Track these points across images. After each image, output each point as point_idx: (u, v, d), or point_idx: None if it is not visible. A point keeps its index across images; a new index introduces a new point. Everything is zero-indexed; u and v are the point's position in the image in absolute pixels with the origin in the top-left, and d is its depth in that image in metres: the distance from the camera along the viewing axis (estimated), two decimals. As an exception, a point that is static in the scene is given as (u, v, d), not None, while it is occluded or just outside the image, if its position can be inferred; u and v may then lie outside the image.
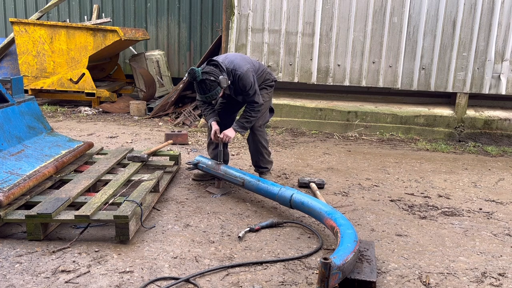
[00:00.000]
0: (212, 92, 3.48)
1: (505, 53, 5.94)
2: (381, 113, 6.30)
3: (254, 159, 4.08)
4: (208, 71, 3.46)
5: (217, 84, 3.45)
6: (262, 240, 2.97)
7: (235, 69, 3.62)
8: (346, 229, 2.60)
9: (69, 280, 2.41)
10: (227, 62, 3.65)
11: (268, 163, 4.10)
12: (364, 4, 6.08)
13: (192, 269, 2.57)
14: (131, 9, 9.40)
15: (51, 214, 2.76)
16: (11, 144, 3.53)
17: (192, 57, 9.36)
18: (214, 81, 3.43)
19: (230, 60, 3.68)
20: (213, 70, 3.48)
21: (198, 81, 3.45)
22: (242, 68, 3.62)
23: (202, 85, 3.46)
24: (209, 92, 3.47)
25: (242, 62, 3.68)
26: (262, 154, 4.00)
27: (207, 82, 3.43)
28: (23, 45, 7.42)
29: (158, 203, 3.54)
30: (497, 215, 3.57)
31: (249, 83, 3.62)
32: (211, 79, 3.43)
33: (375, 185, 4.21)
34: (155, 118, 7.14)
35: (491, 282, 2.54)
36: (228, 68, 3.62)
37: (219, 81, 3.44)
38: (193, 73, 3.41)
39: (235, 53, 3.96)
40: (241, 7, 6.32)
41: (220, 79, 3.44)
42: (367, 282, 2.31)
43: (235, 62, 3.66)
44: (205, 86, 3.45)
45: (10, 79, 4.08)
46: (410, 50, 6.12)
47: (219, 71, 3.51)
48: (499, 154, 5.59)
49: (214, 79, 3.43)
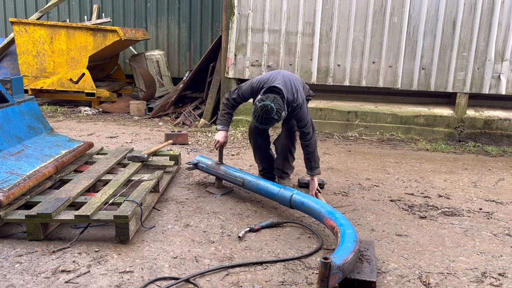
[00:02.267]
0: (268, 126, 3.42)
1: (505, 53, 5.94)
2: (381, 113, 6.30)
3: (278, 162, 3.97)
4: (277, 108, 3.29)
5: (277, 121, 3.39)
6: (262, 240, 2.97)
7: (294, 99, 3.53)
8: (346, 229, 2.60)
9: (69, 280, 2.41)
10: (287, 92, 3.49)
11: (290, 168, 4.02)
12: (364, 4, 6.08)
13: (192, 269, 2.57)
14: (131, 9, 9.40)
15: (51, 214, 2.76)
16: (11, 144, 3.53)
17: (192, 57, 9.36)
18: (276, 120, 3.34)
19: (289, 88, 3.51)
20: (280, 106, 3.33)
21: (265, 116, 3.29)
22: (299, 99, 3.54)
23: (265, 120, 3.32)
24: (267, 125, 3.39)
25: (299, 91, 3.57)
26: (288, 159, 3.93)
27: (271, 118, 3.31)
28: (23, 45, 7.42)
29: (158, 203, 3.54)
30: (497, 215, 3.57)
31: (302, 115, 3.56)
32: (275, 118, 3.31)
33: (375, 185, 4.21)
34: (155, 118, 7.14)
35: (491, 282, 2.54)
36: (289, 99, 3.50)
37: (280, 119, 3.38)
38: (268, 111, 3.25)
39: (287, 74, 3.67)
40: (241, 7, 6.32)
41: (281, 116, 3.37)
42: (367, 282, 2.31)
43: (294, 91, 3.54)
44: (268, 120, 3.32)
45: (10, 79, 4.08)
46: (410, 50, 6.12)
47: (284, 106, 3.39)
48: (499, 154, 5.59)
49: (277, 118, 3.33)
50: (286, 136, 3.87)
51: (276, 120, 3.35)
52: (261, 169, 4.08)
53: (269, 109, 3.26)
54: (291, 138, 3.88)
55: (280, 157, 3.96)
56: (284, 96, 3.43)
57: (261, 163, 4.07)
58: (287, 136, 3.87)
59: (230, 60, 6.47)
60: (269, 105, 3.26)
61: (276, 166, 4.00)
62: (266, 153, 4.03)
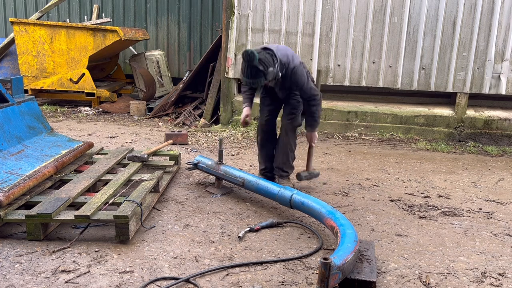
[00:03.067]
0: (256, 80, 3.35)
1: (505, 53, 5.94)
2: (381, 113, 6.30)
3: (278, 160, 3.91)
4: (261, 59, 3.30)
5: (263, 74, 3.32)
6: (262, 240, 2.97)
7: (289, 62, 3.49)
8: (346, 229, 2.60)
9: (69, 280, 2.41)
10: (281, 54, 3.49)
11: (290, 167, 3.95)
12: (364, 4, 6.08)
13: (192, 269, 2.57)
14: (131, 9, 9.40)
15: (51, 214, 2.76)
16: (11, 144, 3.53)
17: (192, 57, 9.36)
18: (261, 71, 3.30)
19: (283, 52, 3.52)
20: (267, 59, 3.33)
21: (248, 64, 3.29)
22: (294, 63, 3.51)
23: (250, 70, 3.31)
24: (253, 79, 3.34)
25: (294, 56, 3.58)
26: (288, 157, 3.87)
27: (255, 69, 3.29)
28: (23, 45, 7.43)
29: (158, 203, 3.54)
30: (497, 215, 3.57)
31: (303, 77, 3.53)
32: (259, 68, 3.29)
33: (375, 185, 4.21)
34: (155, 118, 7.14)
35: (491, 282, 2.54)
36: (282, 60, 3.46)
37: (267, 72, 3.32)
38: (248, 55, 3.23)
39: (284, 46, 3.73)
40: (241, 7, 6.32)
41: (268, 71, 3.32)
42: (367, 282, 2.31)
43: (288, 55, 3.53)
44: (252, 72, 3.31)
45: (10, 79, 4.08)
46: (410, 50, 6.12)
47: (272, 62, 3.37)
48: (499, 154, 5.59)
49: (262, 69, 3.30)
50: (287, 131, 3.81)
51: (262, 73, 3.30)
52: (263, 168, 4.04)
53: (249, 54, 3.22)
54: (292, 134, 3.82)
55: (279, 155, 3.90)
56: (276, 55, 3.40)
57: (263, 162, 4.02)
58: (288, 132, 3.81)
59: (230, 60, 6.47)
60: (249, 50, 3.23)
61: (276, 165, 3.94)
62: (270, 152, 3.98)
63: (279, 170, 3.94)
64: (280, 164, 3.92)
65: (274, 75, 3.38)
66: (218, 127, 6.53)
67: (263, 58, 3.30)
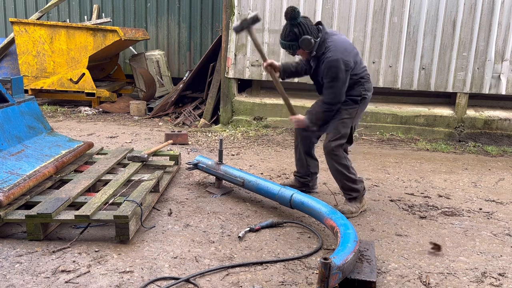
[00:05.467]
0: (288, 43, 3.14)
1: (505, 53, 5.94)
2: (381, 113, 6.30)
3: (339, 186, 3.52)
4: (302, 22, 3.08)
5: (296, 38, 3.09)
6: (262, 240, 2.97)
7: (330, 48, 3.14)
8: (346, 229, 2.60)
9: (69, 280, 2.41)
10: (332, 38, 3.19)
11: (351, 190, 3.41)
12: (364, 4, 6.08)
13: (192, 269, 2.57)
14: (131, 9, 9.40)
15: (51, 214, 2.76)
16: (11, 144, 3.53)
17: (192, 57, 9.36)
18: (295, 34, 3.08)
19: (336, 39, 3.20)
20: (308, 27, 3.09)
21: (286, 23, 3.11)
22: (336, 53, 3.11)
23: (285, 30, 3.13)
24: (286, 41, 3.14)
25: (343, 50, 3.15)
26: (341, 180, 3.42)
27: (289, 30, 3.10)
28: (23, 45, 7.42)
29: (158, 203, 3.54)
30: (497, 215, 3.57)
31: (332, 73, 3.12)
32: (294, 30, 3.07)
33: (375, 185, 4.21)
34: (155, 118, 7.14)
35: (491, 282, 2.54)
36: (327, 43, 3.16)
37: (301, 39, 3.08)
38: (290, 12, 3.02)
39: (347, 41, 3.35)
40: (241, 7, 6.32)
41: (303, 38, 3.08)
42: (367, 282, 2.31)
43: (337, 44, 3.16)
44: (287, 32, 3.12)
45: (10, 79, 4.08)
46: (410, 50, 6.12)
47: (314, 32, 3.12)
48: (499, 154, 5.59)
49: (297, 32, 3.07)
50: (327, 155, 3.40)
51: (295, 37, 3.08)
52: (295, 171, 3.89)
53: (291, 11, 3.03)
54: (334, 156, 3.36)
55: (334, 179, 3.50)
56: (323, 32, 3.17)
57: (295, 165, 3.84)
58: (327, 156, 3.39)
59: (230, 60, 6.47)
60: (294, 8, 3.03)
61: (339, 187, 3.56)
62: (301, 156, 3.73)
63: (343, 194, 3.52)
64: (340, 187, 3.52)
65: (310, 45, 3.11)
66: (218, 127, 6.53)
67: (304, 23, 3.09)
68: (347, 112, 3.34)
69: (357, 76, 3.30)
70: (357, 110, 3.38)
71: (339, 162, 3.36)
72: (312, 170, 3.82)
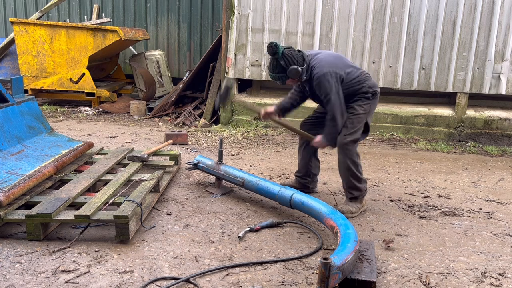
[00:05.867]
0: (276, 75, 3.25)
1: (505, 53, 5.94)
2: (381, 113, 6.30)
3: (342, 180, 3.57)
4: (286, 54, 3.19)
5: (284, 71, 3.20)
6: (262, 240, 2.98)
7: (315, 67, 3.26)
8: (346, 229, 2.60)
9: (69, 280, 2.41)
10: (315, 58, 3.32)
11: (354, 188, 3.45)
12: (364, 4, 6.08)
13: (192, 269, 2.57)
14: (131, 9, 9.40)
15: (51, 214, 2.76)
16: (11, 144, 3.53)
17: (192, 57, 9.36)
18: (282, 67, 3.19)
19: (319, 57, 3.33)
20: (292, 56, 3.20)
21: (271, 58, 3.22)
22: (321, 69, 3.23)
23: (272, 63, 3.23)
24: (274, 73, 3.25)
25: (328, 64, 3.27)
26: (347, 177, 3.44)
27: (276, 63, 3.20)
28: (23, 45, 7.42)
29: (158, 203, 3.54)
30: (497, 215, 3.57)
31: (324, 88, 3.23)
32: (280, 63, 3.18)
33: (375, 185, 4.21)
34: (155, 118, 7.14)
35: (491, 282, 2.54)
36: (311, 64, 3.28)
37: (288, 69, 3.19)
38: (272, 48, 3.14)
39: (335, 53, 3.55)
40: (241, 7, 6.32)
41: (290, 68, 3.18)
42: (367, 282, 2.31)
43: (321, 61, 3.29)
44: (274, 66, 3.23)
45: (10, 79, 4.08)
46: (410, 50, 6.12)
47: (299, 60, 3.22)
48: (499, 154, 5.59)
49: (284, 65, 3.19)
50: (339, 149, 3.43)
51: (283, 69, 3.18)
52: (296, 170, 3.92)
53: (272, 47, 3.13)
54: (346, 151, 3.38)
55: (341, 175, 3.52)
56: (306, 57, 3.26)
57: (298, 165, 3.88)
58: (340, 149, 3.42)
59: (230, 60, 6.47)
60: (274, 43, 3.13)
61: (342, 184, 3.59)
62: (306, 156, 3.76)
63: (345, 191, 3.58)
64: (343, 185, 3.55)
65: (298, 74, 3.21)
66: (218, 127, 6.53)
67: (288, 54, 3.20)
68: (362, 108, 3.42)
69: (355, 80, 3.39)
70: (370, 105, 3.47)
71: (350, 157, 3.40)
72: (313, 171, 3.84)
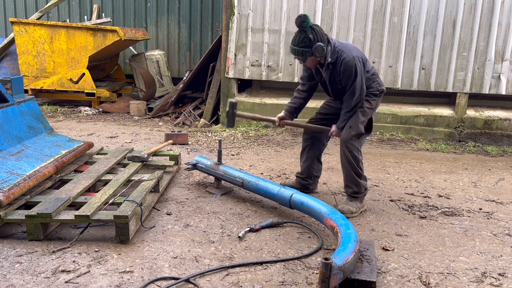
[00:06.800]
0: (301, 50, 3.14)
1: (505, 53, 5.94)
2: (381, 113, 6.30)
3: (343, 175, 3.53)
4: (315, 29, 3.10)
5: (310, 45, 3.10)
6: (262, 240, 2.97)
7: (343, 50, 3.20)
8: (346, 229, 2.60)
9: (69, 280, 2.41)
10: (338, 43, 3.28)
11: (353, 183, 3.43)
12: (364, 4, 6.08)
13: (192, 269, 2.57)
14: (131, 9, 9.40)
15: (51, 214, 2.76)
16: (11, 144, 3.53)
17: (192, 57, 9.36)
18: (309, 40, 3.09)
19: (344, 43, 3.31)
20: (320, 33, 3.12)
21: (299, 29, 3.12)
22: (351, 53, 3.20)
23: (298, 35, 3.13)
24: (299, 47, 3.13)
25: (354, 49, 3.27)
26: (348, 170, 3.43)
27: (304, 36, 3.10)
28: (23, 45, 7.42)
29: (158, 203, 3.54)
30: (497, 215, 3.57)
31: (354, 72, 3.19)
32: (309, 37, 3.08)
33: (375, 185, 4.21)
34: (155, 118, 7.14)
35: (491, 282, 2.54)
36: (336, 48, 3.22)
37: (315, 45, 3.09)
38: (301, 18, 3.06)
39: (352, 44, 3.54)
40: (241, 7, 6.32)
41: (317, 45, 3.08)
42: (367, 282, 2.31)
43: (347, 46, 3.27)
44: (300, 38, 3.12)
45: (10, 79, 4.08)
46: (410, 50, 6.12)
47: (325, 40, 3.15)
48: (499, 154, 5.59)
49: (311, 38, 3.09)
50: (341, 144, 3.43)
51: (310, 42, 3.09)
52: (298, 172, 3.91)
53: (301, 16, 3.05)
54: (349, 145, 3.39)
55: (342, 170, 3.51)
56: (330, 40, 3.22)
57: (300, 166, 3.85)
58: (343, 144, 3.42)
59: (230, 60, 6.47)
60: (306, 16, 3.05)
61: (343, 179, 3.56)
62: (309, 158, 3.76)
63: (345, 188, 3.56)
64: (344, 181, 3.54)
65: (323, 52, 3.12)
66: (218, 127, 6.53)
67: (316, 29, 3.13)
68: (369, 103, 3.43)
69: (369, 73, 3.43)
70: (377, 102, 3.50)
71: (351, 151, 3.40)
72: (315, 173, 3.85)
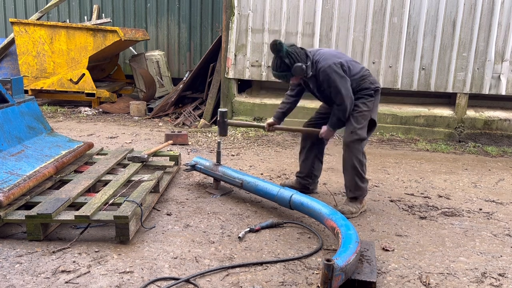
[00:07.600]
0: (281, 74, 3.24)
1: (505, 53, 5.94)
2: (381, 114, 6.29)
3: (344, 179, 3.52)
4: (290, 52, 3.18)
5: (288, 69, 3.20)
6: (262, 240, 2.97)
7: (319, 61, 3.27)
8: (347, 230, 2.60)
9: (69, 280, 2.41)
10: (317, 53, 3.34)
11: (356, 187, 3.42)
12: (364, 4, 6.08)
13: (192, 269, 2.57)
14: (131, 9, 9.40)
15: (51, 214, 2.76)
16: (11, 145, 3.53)
17: (192, 57, 9.36)
18: (286, 65, 3.18)
19: (320, 52, 3.36)
20: (296, 53, 3.20)
21: (275, 56, 3.21)
22: (326, 62, 3.25)
23: (276, 61, 3.23)
24: (278, 72, 3.24)
25: (331, 57, 3.31)
26: (351, 174, 3.41)
27: (280, 62, 3.20)
28: (23, 45, 7.43)
29: (158, 203, 3.54)
30: (497, 215, 3.57)
31: (332, 79, 3.24)
32: (284, 61, 3.18)
33: (375, 185, 4.21)
34: (155, 119, 7.14)
35: (491, 282, 2.54)
36: (314, 59, 3.29)
37: (293, 67, 3.18)
38: (276, 46, 3.13)
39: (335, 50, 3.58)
40: (241, 7, 6.32)
41: (295, 66, 3.17)
42: (367, 283, 2.31)
43: (324, 54, 3.32)
44: (278, 64, 3.22)
45: (10, 79, 4.08)
46: (410, 51, 6.12)
47: (303, 57, 3.23)
48: (499, 154, 5.59)
49: (288, 63, 3.18)
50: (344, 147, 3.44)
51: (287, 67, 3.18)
52: (297, 171, 3.91)
53: (276, 44, 3.12)
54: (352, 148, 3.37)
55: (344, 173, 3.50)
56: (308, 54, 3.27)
57: (300, 165, 3.86)
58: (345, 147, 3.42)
59: (230, 60, 6.47)
60: (277, 41, 3.12)
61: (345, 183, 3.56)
62: (309, 157, 3.77)
63: (346, 191, 3.56)
64: (345, 184, 3.54)
65: (303, 71, 3.21)
66: (218, 127, 6.52)
67: (291, 51, 3.19)
68: (366, 105, 3.41)
69: (358, 75, 3.40)
70: (374, 102, 3.46)
71: (356, 155, 3.38)
72: (316, 173, 3.85)
